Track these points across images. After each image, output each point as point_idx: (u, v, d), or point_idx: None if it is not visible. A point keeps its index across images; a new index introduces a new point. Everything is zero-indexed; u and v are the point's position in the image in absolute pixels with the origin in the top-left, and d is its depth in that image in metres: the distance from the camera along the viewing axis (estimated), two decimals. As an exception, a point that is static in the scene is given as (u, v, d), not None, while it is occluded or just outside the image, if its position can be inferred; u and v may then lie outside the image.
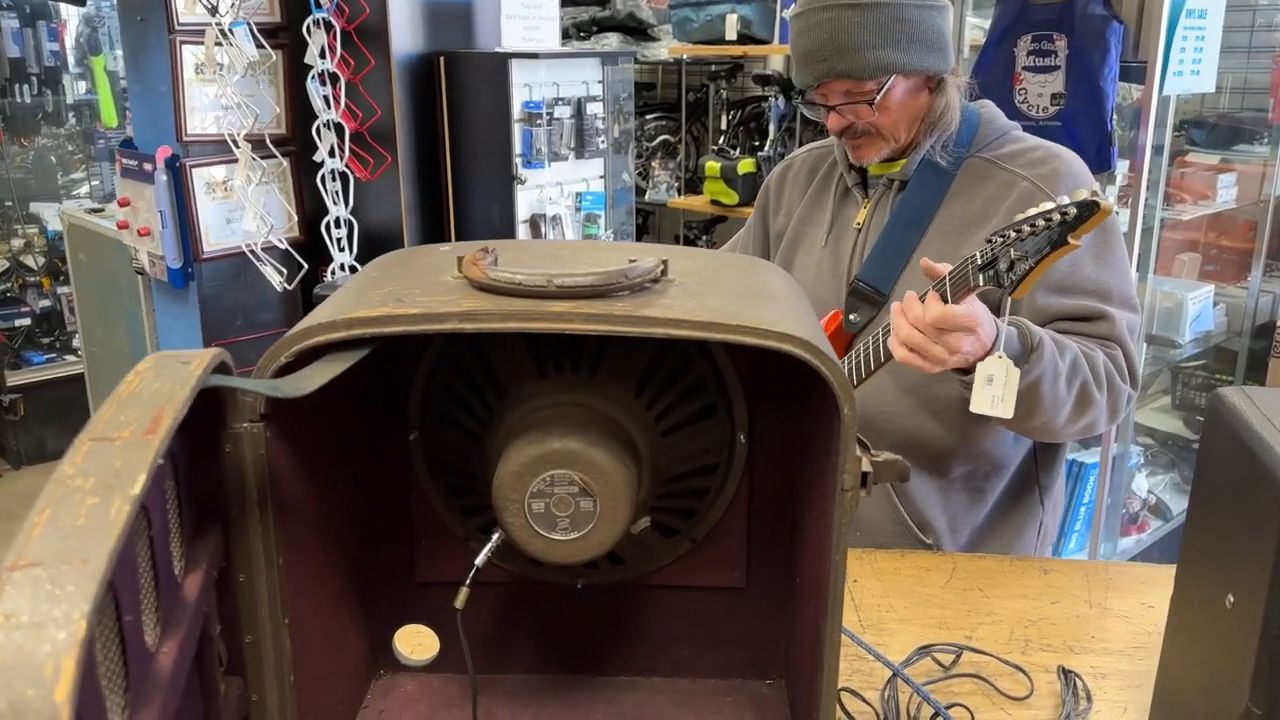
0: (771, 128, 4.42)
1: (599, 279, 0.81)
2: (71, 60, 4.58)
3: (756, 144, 4.60)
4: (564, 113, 2.54)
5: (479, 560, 0.96)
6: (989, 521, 1.59)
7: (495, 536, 0.96)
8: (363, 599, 1.07)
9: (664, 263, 0.87)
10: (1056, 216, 1.15)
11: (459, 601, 0.96)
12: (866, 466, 0.81)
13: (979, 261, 1.23)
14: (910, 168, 1.53)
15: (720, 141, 4.70)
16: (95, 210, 3.54)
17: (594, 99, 2.60)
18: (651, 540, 1.05)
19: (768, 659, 1.12)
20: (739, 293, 0.88)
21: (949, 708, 1.07)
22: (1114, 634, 1.26)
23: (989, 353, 1.30)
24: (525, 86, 2.50)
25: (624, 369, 0.97)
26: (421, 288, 0.85)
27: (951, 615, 1.29)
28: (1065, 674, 1.16)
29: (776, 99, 4.37)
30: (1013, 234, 1.19)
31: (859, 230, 1.58)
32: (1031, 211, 1.19)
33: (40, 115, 4.42)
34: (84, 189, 4.75)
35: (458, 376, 1.00)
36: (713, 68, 4.83)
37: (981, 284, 1.24)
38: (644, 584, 1.09)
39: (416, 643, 1.15)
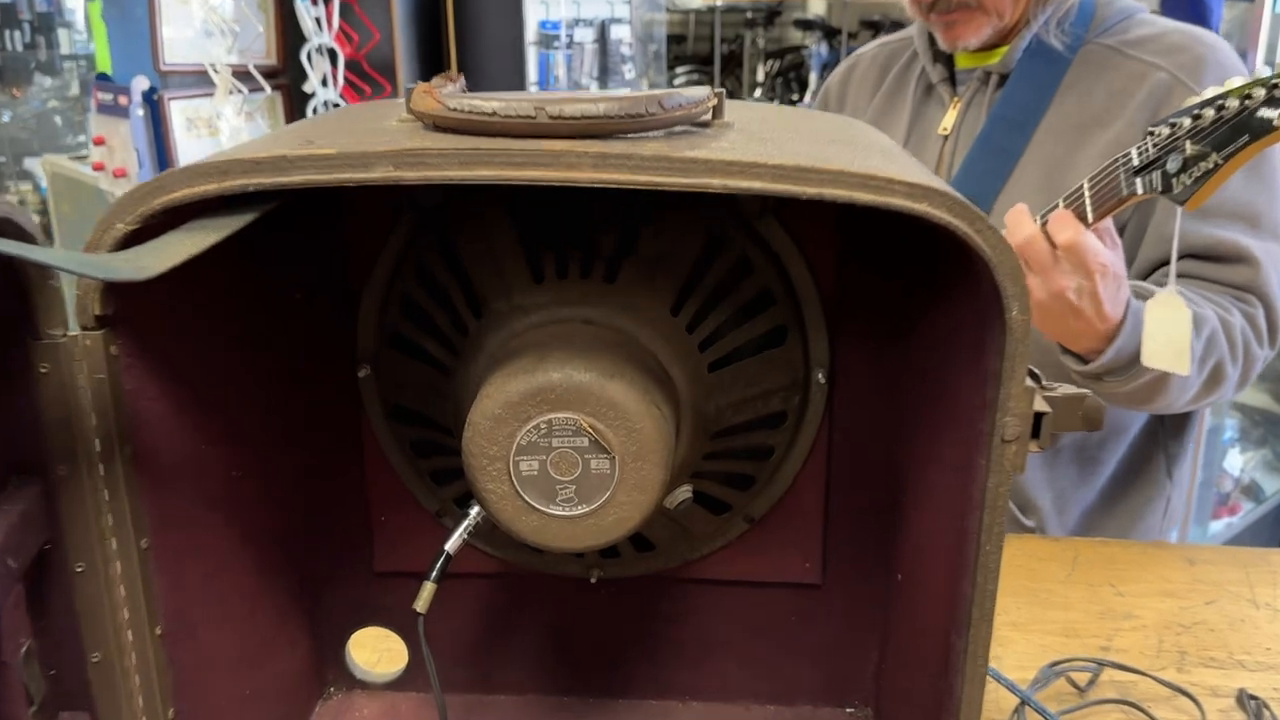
0: (813, 77, 4.10)
1: (617, 108, 0.51)
2: (80, 19, 4.31)
3: (796, 97, 4.28)
4: (585, 36, 2.24)
5: (449, 545, 0.68)
6: (1103, 499, 1.29)
7: (473, 512, 0.67)
8: (298, 596, 0.79)
9: (717, 96, 0.57)
10: (1259, 92, 0.84)
11: (420, 603, 0.68)
12: (1041, 405, 0.52)
13: (1135, 162, 0.93)
14: (1013, 56, 1.22)
15: (757, 94, 4.38)
16: (79, 157, 3.28)
17: (619, 21, 2.30)
18: (694, 518, 0.76)
19: (849, 679, 0.83)
20: (829, 141, 0.59)
21: (1104, 753, 0.78)
22: (1297, 646, 0.96)
23: (1103, 325, 0.99)
24: (541, 4, 2.20)
25: (656, 273, 0.67)
26: (351, 131, 0.57)
27: (1080, 619, 0.99)
28: (1247, 700, 0.86)
29: (819, 46, 4.05)
30: (1187, 122, 0.88)
31: (945, 137, 1.28)
32: (1211, 92, 0.88)
33: (34, 65, 4.16)
34: (85, 153, 4.50)
35: (422, 287, 0.71)
36: (749, 15, 4.50)
37: (1139, 193, 0.93)
38: (682, 578, 0.80)
39: (380, 651, 0.87)
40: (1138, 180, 0.93)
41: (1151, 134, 0.92)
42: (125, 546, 0.56)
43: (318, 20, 2.25)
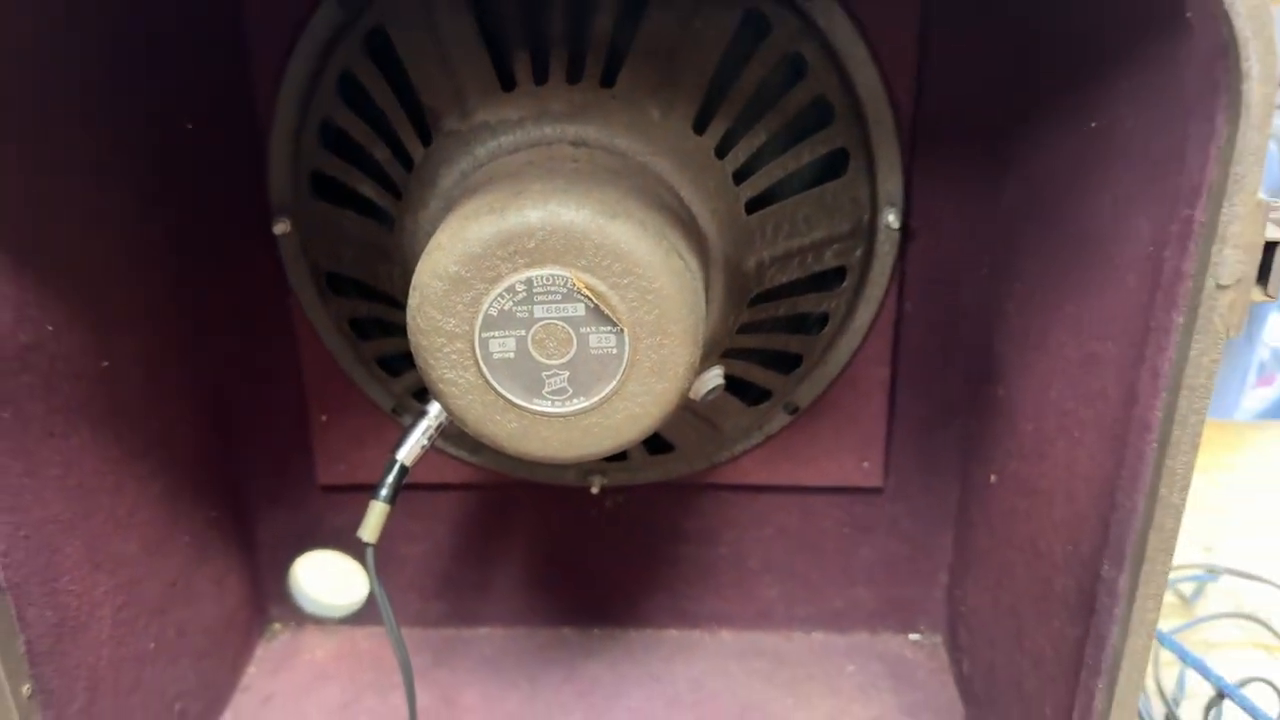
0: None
1: None
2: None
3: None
4: None
5: (402, 454, 0.51)
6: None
7: (434, 409, 0.50)
8: (222, 522, 0.62)
9: None
10: None
11: (368, 530, 0.51)
12: (1274, 231, 0.34)
13: None
14: None
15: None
16: None
17: None
18: (723, 411, 0.59)
19: (912, 600, 0.67)
20: None
21: (1242, 686, 0.63)
22: None
23: None
24: None
25: (673, 73, 0.48)
26: None
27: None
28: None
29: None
30: None
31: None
32: None
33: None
34: None
35: (349, 106, 0.52)
36: None
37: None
38: (707, 484, 0.64)
39: (332, 576, 0.71)
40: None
41: None
42: (-80, 474, 0.39)
43: None
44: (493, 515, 0.66)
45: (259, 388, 0.61)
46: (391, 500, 0.51)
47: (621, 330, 0.42)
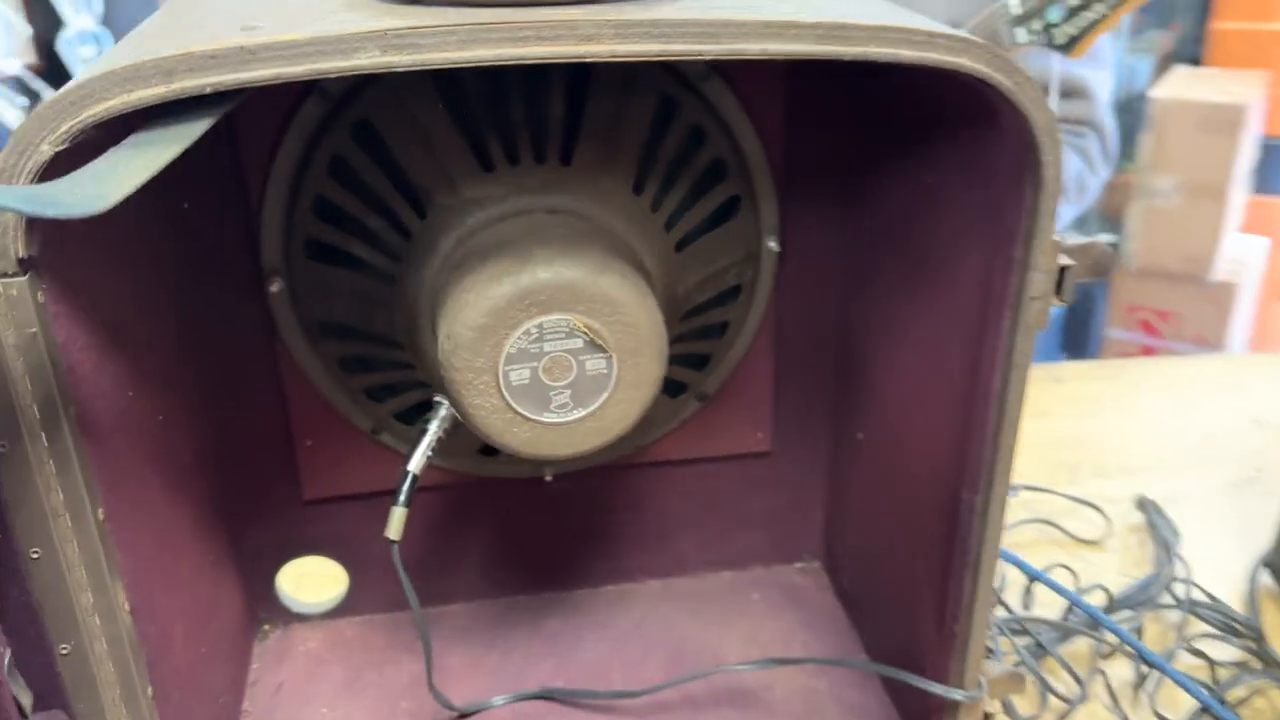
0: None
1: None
2: None
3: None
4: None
5: (413, 466, 0.63)
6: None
7: (432, 426, 0.62)
8: (230, 541, 0.72)
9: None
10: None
11: (393, 530, 0.63)
12: (1064, 258, 0.51)
13: (1015, 10, 0.93)
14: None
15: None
16: None
17: None
18: (654, 404, 0.73)
19: (796, 537, 0.84)
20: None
21: (1047, 572, 0.83)
22: (1179, 448, 1.05)
23: None
24: None
25: (613, 149, 0.62)
26: (287, 8, 0.48)
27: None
28: (1148, 504, 0.94)
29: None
30: None
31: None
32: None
33: None
34: None
35: (342, 185, 0.63)
36: None
37: (1020, 42, 0.93)
38: (635, 464, 0.78)
39: (314, 578, 0.81)
40: (1018, 30, 0.93)
41: None
42: (81, 523, 0.48)
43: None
44: (456, 510, 0.78)
45: (253, 424, 0.71)
46: (408, 504, 0.63)
47: (611, 356, 0.56)
